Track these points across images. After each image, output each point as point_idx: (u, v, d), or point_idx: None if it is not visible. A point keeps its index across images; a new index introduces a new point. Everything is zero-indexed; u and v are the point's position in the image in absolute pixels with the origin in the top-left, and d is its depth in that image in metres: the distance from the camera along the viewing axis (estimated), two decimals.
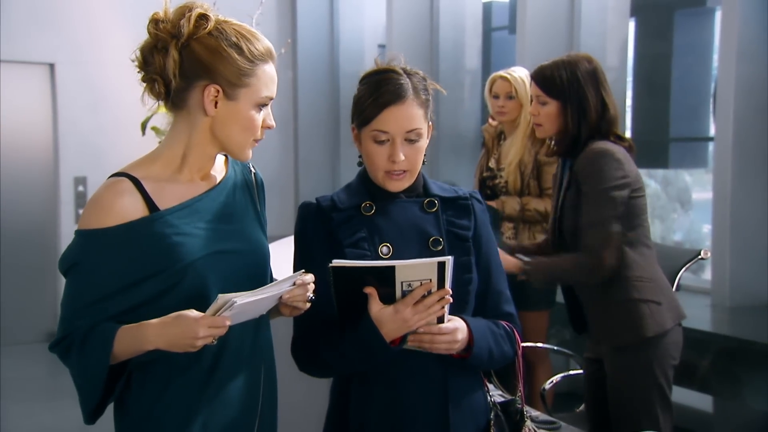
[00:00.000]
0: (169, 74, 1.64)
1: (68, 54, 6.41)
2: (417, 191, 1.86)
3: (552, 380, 2.91)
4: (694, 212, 6.72)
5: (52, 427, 4.67)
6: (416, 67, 1.87)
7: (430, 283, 1.65)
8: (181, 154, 1.70)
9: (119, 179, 1.65)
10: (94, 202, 1.65)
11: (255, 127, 1.69)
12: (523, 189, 3.73)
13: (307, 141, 7.32)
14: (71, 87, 6.44)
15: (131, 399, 1.69)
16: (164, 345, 1.58)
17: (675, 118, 5.23)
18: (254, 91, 1.67)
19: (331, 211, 1.82)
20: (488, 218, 1.93)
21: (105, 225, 1.61)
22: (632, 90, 5.47)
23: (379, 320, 1.68)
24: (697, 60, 5.20)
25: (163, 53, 1.64)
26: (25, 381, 5.59)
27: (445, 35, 6.40)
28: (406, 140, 1.76)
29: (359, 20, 7.40)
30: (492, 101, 3.82)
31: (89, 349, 1.61)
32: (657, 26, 5.34)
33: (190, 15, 1.64)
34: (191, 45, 1.64)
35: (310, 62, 7.29)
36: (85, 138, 6.46)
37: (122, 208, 1.62)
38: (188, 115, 1.69)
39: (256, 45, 1.68)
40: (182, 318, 1.55)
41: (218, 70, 1.64)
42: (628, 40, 5.39)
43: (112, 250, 1.61)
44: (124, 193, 1.63)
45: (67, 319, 1.65)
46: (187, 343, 1.55)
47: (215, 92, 1.65)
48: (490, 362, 1.83)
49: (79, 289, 1.64)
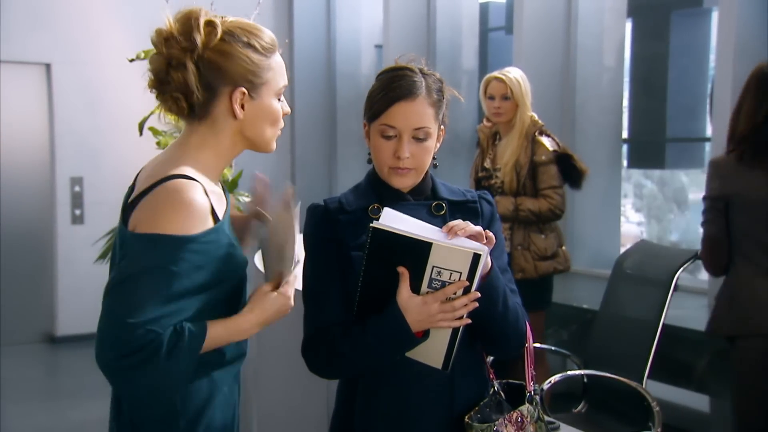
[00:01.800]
0: (192, 88, 1.62)
1: (65, 54, 6.41)
2: (425, 194, 1.85)
3: (550, 380, 2.91)
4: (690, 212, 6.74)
5: (50, 427, 4.67)
6: (424, 65, 1.86)
7: (461, 282, 1.62)
8: (214, 160, 1.70)
9: (193, 183, 1.60)
10: (175, 205, 1.57)
11: (279, 118, 1.73)
12: (518, 189, 3.74)
13: (304, 141, 7.33)
14: (68, 87, 6.44)
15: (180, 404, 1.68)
16: (263, 326, 1.67)
17: (671, 119, 5.23)
18: (273, 84, 1.69)
19: (339, 213, 1.81)
20: (498, 219, 1.91)
21: (188, 231, 1.56)
22: (629, 90, 5.48)
23: (405, 308, 1.64)
24: (693, 60, 5.21)
25: (182, 69, 1.61)
26: (23, 381, 5.58)
27: (442, 35, 6.40)
28: (414, 138, 1.75)
29: (356, 20, 7.40)
30: (487, 102, 3.82)
31: (181, 350, 1.54)
32: (654, 27, 5.35)
33: (199, 25, 1.62)
34: (206, 55, 1.63)
35: (306, 62, 7.30)
36: (81, 138, 6.46)
37: (204, 214, 1.59)
38: (213, 123, 1.67)
39: (264, 38, 1.68)
40: (272, 299, 1.66)
41: (239, 74, 1.64)
42: (624, 41, 5.41)
43: (188, 258, 1.56)
44: (203, 198, 1.60)
45: (139, 328, 1.51)
46: (286, 309, 1.69)
47: (242, 96, 1.65)
48: (505, 306, 1.76)
49: (151, 295, 1.53)
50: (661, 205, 7.07)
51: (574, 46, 5.36)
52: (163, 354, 1.51)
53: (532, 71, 4.87)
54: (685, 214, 6.89)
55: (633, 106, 5.47)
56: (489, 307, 1.74)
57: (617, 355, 2.99)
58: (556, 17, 5.32)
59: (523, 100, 3.75)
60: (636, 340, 2.87)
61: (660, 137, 5.28)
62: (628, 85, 5.49)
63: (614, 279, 3.18)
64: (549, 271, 3.74)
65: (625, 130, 5.50)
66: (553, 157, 3.72)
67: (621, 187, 5.60)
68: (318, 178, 7.39)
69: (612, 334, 3.10)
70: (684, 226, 6.89)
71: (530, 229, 3.74)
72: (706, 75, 5.08)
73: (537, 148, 3.73)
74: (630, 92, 5.49)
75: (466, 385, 1.81)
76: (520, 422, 1.78)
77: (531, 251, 3.72)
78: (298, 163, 7.32)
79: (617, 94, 5.46)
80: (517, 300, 1.83)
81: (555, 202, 3.69)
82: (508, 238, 3.75)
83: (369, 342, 1.70)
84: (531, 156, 3.73)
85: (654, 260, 3.04)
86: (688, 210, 6.83)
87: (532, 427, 1.79)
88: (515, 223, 3.74)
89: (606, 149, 5.42)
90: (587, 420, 2.98)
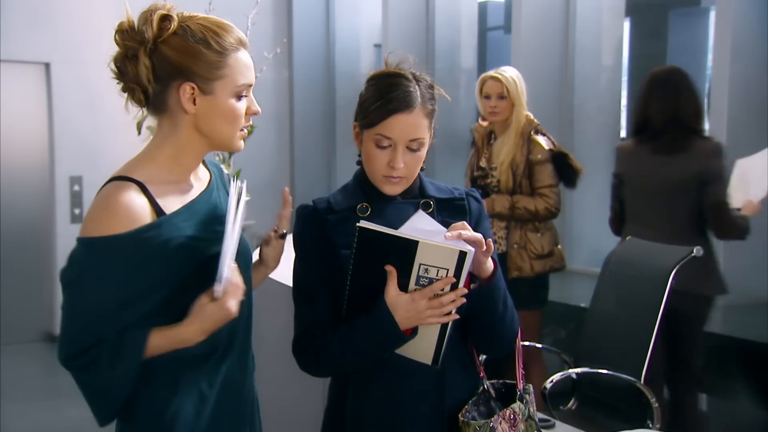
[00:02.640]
0: (143, 81, 1.64)
1: (64, 53, 6.41)
2: (413, 192, 1.86)
3: (552, 379, 2.92)
4: None
5: (50, 426, 4.68)
6: (413, 65, 1.86)
7: (448, 278, 1.63)
8: (173, 155, 1.69)
9: (124, 183, 1.62)
10: (101, 207, 1.60)
11: (238, 116, 1.69)
12: (515, 188, 3.74)
13: (303, 141, 7.33)
14: (67, 86, 6.44)
15: (141, 398, 1.68)
16: (206, 335, 1.63)
17: None
18: (230, 82, 1.66)
19: (327, 213, 1.83)
20: (487, 216, 1.92)
21: (115, 232, 1.57)
22: (627, 89, 5.50)
23: (394, 306, 1.66)
24: (691, 59, 5.22)
25: (134, 61, 1.64)
26: (22, 380, 5.58)
27: (441, 35, 6.41)
28: (408, 148, 1.76)
29: (355, 20, 7.41)
30: (483, 102, 3.81)
31: (121, 359, 1.58)
32: (652, 26, 5.36)
33: (152, 18, 1.64)
34: (159, 48, 1.64)
35: (305, 62, 7.30)
36: (80, 137, 6.47)
37: (132, 212, 1.59)
38: (171, 116, 1.69)
39: (224, 36, 1.66)
40: (210, 310, 1.60)
41: (189, 68, 1.63)
42: (623, 40, 5.42)
43: (124, 258, 1.58)
44: (133, 197, 1.60)
45: (82, 332, 1.59)
46: (226, 318, 1.62)
47: (191, 90, 1.64)
48: (504, 306, 1.79)
49: (91, 299, 1.59)
50: None
51: (572, 46, 5.37)
52: (104, 361, 1.58)
53: (531, 70, 4.89)
54: None
55: (631, 105, 5.48)
56: (491, 307, 1.76)
57: (610, 353, 2.99)
58: (555, 16, 5.33)
59: (519, 99, 3.75)
60: (632, 338, 2.88)
61: None
62: (626, 84, 5.50)
63: (604, 277, 3.19)
64: (545, 269, 3.75)
65: (623, 129, 5.51)
66: (549, 156, 3.73)
67: None
68: (317, 177, 7.39)
69: (604, 332, 3.10)
70: None
71: (526, 227, 3.75)
72: (704, 74, 5.09)
73: (533, 147, 3.73)
74: (628, 91, 5.50)
75: (456, 381, 1.82)
76: (513, 419, 1.79)
77: (527, 250, 3.72)
78: (298, 162, 7.33)
79: (615, 93, 5.47)
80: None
81: (551, 200, 3.70)
82: (505, 237, 3.76)
83: (358, 340, 1.71)
84: (527, 155, 3.73)
85: (647, 258, 3.04)
86: None
87: (523, 425, 1.81)
88: (511, 222, 3.75)
89: (604, 148, 5.43)
90: (579, 417, 2.99)
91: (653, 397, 2.72)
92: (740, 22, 4.15)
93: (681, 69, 3.46)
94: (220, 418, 1.73)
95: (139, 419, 1.69)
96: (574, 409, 3.07)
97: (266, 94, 7.04)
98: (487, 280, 1.73)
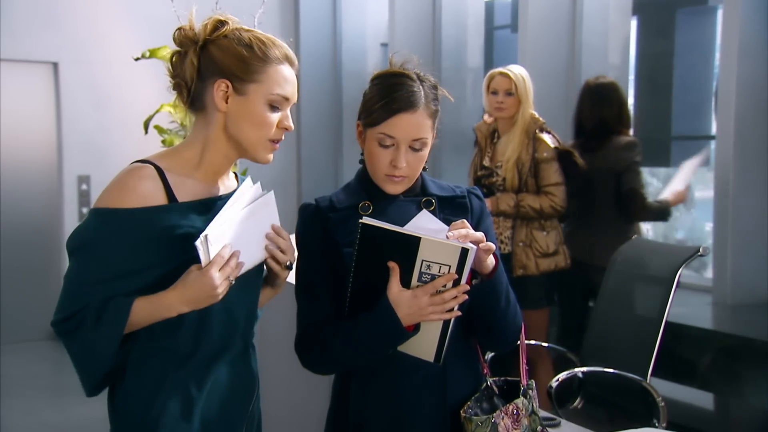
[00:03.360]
0: (187, 77, 1.71)
1: (71, 53, 6.44)
2: (415, 191, 1.86)
3: (558, 378, 2.92)
4: (696, 210, 6.72)
5: (55, 424, 4.70)
6: (418, 65, 1.86)
7: (450, 274, 1.64)
8: (200, 152, 1.74)
9: (143, 165, 1.69)
10: (116, 182, 1.67)
11: (267, 124, 1.71)
12: (521, 186, 3.74)
13: (310, 140, 7.34)
14: (74, 86, 6.47)
15: (127, 396, 1.70)
16: (189, 307, 1.64)
17: (677, 117, 5.23)
18: (265, 88, 1.70)
19: (329, 211, 1.84)
20: (488, 214, 1.93)
21: (125, 206, 1.64)
22: (634, 88, 5.48)
23: (396, 302, 1.66)
24: (699, 58, 5.20)
25: (184, 58, 1.72)
26: (28, 378, 5.61)
27: (448, 33, 6.41)
28: (411, 148, 1.77)
29: (362, 19, 7.41)
30: (490, 97, 3.82)
31: (104, 322, 1.62)
32: (659, 25, 5.35)
33: (209, 21, 1.73)
34: (208, 48, 1.71)
35: (312, 61, 7.31)
36: (88, 137, 6.49)
37: (144, 191, 1.65)
38: (206, 114, 1.74)
39: (271, 48, 1.72)
40: (193, 277, 1.61)
41: (228, 67, 1.69)
42: (630, 39, 5.40)
43: (129, 231, 1.64)
44: (148, 178, 1.67)
45: (74, 298, 1.65)
46: (210, 295, 1.62)
47: (225, 87, 1.69)
48: (507, 301, 1.79)
49: (90, 266, 1.65)
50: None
51: (579, 44, 5.36)
52: (88, 325, 1.63)
53: (537, 69, 4.88)
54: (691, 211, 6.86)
55: (638, 104, 5.46)
56: (493, 302, 1.77)
57: (616, 352, 2.99)
58: (561, 15, 5.32)
59: (526, 96, 3.76)
60: (637, 337, 2.88)
61: (665, 135, 5.28)
62: (633, 83, 5.49)
63: (609, 276, 3.19)
64: (550, 268, 3.75)
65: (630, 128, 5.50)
66: (554, 154, 3.74)
67: None
68: (324, 176, 7.39)
69: (609, 331, 3.11)
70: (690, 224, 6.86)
71: (532, 226, 3.75)
72: (711, 73, 5.07)
73: (538, 145, 3.73)
74: (635, 90, 5.48)
75: (459, 378, 1.83)
76: (516, 414, 1.79)
77: (533, 248, 3.73)
78: (304, 162, 7.33)
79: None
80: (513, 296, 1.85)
81: (557, 199, 3.71)
82: (510, 236, 3.76)
83: (361, 337, 1.71)
84: (533, 153, 3.73)
85: (653, 257, 3.04)
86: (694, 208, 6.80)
87: (526, 420, 1.81)
88: (517, 220, 3.75)
89: None
90: (585, 415, 2.99)
91: (659, 396, 2.72)
92: (747, 20, 4.14)
93: (611, 81, 4.09)
94: (209, 423, 1.73)
95: (124, 416, 1.71)
96: (580, 407, 3.07)
97: None
98: (489, 275, 1.73)
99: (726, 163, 4.21)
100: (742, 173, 4.17)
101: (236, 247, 1.65)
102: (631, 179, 3.89)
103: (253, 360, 1.87)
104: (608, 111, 3.99)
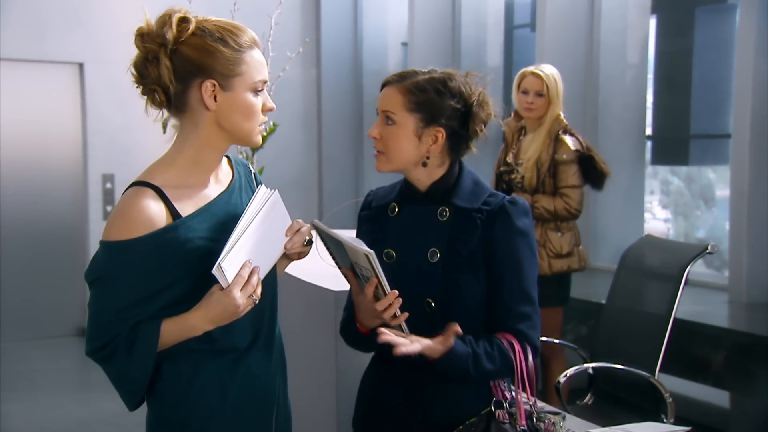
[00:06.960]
0: (165, 81, 1.71)
1: (96, 53, 6.53)
2: (442, 191, 1.87)
3: (566, 374, 2.96)
4: (717, 209, 6.69)
5: (82, 418, 4.79)
6: (438, 64, 1.91)
7: (374, 279, 1.70)
8: (193, 156, 1.76)
9: (142, 189, 1.70)
10: (120, 212, 1.69)
11: (256, 111, 1.76)
12: (538, 186, 3.75)
13: (331, 139, 7.38)
14: (99, 86, 6.56)
15: (164, 388, 1.77)
16: (214, 326, 1.69)
17: (696, 115, 5.22)
18: (247, 78, 1.73)
19: (366, 207, 1.96)
20: (516, 233, 1.82)
21: (133, 236, 1.66)
22: (653, 87, 5.48)
23: (356, 305, 1.82)
24: (717, 57, 5.19)
25: (155, 63, 1.71)
26: (56, 373, 5.72)
27: (467, 33, 6.43)
28: (387, 120, 1.85)
29: (382, 18, 7.45)
30: (519, 96, 3.80)
31: (136, 349, 1.68)
32: (678, 23, 5.34)
33: (171, 21, 1.71)
34: (179, 49, 1.71)
35: (333, 60, 7.36)
36: (112, 136, 6.59)
37: (148, 217, 1.67)
38: (192, 116, 1.75)
39: (240, 35, 1.73)
40: (216, 298, 1.65)
41: (210, 66, 1.70)
42: (648, 37, 5.41)
43: (141, 260, 1.66)
44: (149, 202, 1.68)
45: (103, 328, 1.70)
46: (233, 313, 1.66)
47: (212, 86, 1.71)
48: (466, 379, 1.79)
49: (110, 298, 1.69)
50: (687, 202, 7.01)
51: (597, 43, 5.38)
52: (122, 353, 1.68)
53: (556, 68, 4.90)
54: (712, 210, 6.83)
55: (657, 103, 5.46)
56: (457, 373, 1.77)
57: (625, 348, 3.01)
58: (580, 14, 5.33)
59: (557, 97, 3.75)
60: (646, 334, 2.90)
61: (684, 134, 5.28)
62: (652, 82, 5.49)
63: (620, 273, 3.21)
64: (563, 269, 3.75)
65: (648, 126, 5.50)
66: (574, 157, 3.71)
67: (644, 184, 5.59)
68: (345, 176, 7.43)
69: (619, 328, 3.13)
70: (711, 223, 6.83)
71: (547, 226, 3.76)
72: (730, 71, 5.06)
73: (559, 146, 3.72)
74: (654, 89, 5.48)
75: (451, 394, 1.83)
76: None
77: (546, 248, 3.73)
78: (325, 162, 7.37)
79: (641, 90, 5.47)
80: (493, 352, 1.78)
81: (572, 201, 3.68)
82: None
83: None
84: (552, 154, 3.73)
85: (663, 254, 3.06)
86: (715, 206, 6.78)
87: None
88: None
89: (629, 146, 5.43)
90: (594, 411, 3.02)
91: (667, 392, 2.74)
92: (763, 20, 4.13)
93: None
94: (241, 408, 1.79)
95: (161, 408, 1.78)
96: (590, 403, 3.10)
97: (294, 92, 7.11)
98: (432, 361, 1.75)
99: (742, 161, 4.21)
100: (758, 172, 4.18)
101: (254, 257, 1.68)
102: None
103: (281, 345, 1.93)
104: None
